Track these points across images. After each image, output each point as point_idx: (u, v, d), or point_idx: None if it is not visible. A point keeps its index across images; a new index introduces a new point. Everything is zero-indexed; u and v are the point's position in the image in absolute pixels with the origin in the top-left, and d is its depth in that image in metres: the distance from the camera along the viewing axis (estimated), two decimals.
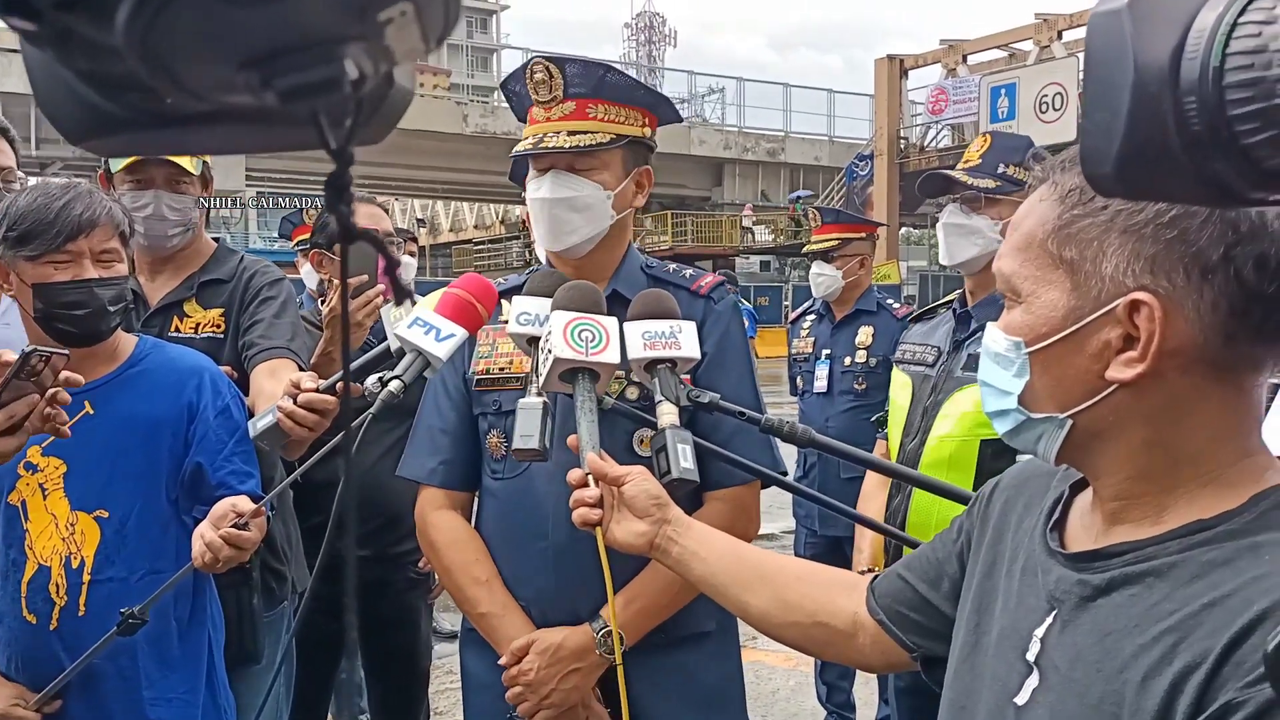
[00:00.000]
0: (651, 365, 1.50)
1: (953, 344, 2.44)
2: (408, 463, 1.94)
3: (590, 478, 1.40)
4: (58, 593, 1.86)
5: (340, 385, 1.61)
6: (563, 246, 1.82)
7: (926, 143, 24.64)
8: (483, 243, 40.04)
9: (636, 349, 1.49)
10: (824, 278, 4.15)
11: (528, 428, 1.45)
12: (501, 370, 1.86)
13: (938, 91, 23.59)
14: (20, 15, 0.35)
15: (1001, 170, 2.41)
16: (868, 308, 4.16)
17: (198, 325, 2.36)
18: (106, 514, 1.88)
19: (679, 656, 1.79)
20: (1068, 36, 21.07)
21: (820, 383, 4.12)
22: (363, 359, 1.66)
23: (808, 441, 1.54)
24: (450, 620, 4.83)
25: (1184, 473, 0.87)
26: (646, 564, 1.67)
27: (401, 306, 1.86)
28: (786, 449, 1.76)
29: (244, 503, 1.74)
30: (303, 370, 2.23)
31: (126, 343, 1.98)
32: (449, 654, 3.70)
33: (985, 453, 2.22)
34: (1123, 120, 0.53)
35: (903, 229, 26.45)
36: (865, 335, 4.08)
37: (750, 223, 31.15)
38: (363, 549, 2.72)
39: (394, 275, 0.40)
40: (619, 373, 1.62)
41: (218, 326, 2.35)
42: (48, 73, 0.40)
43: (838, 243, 4.16)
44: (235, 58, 0.34)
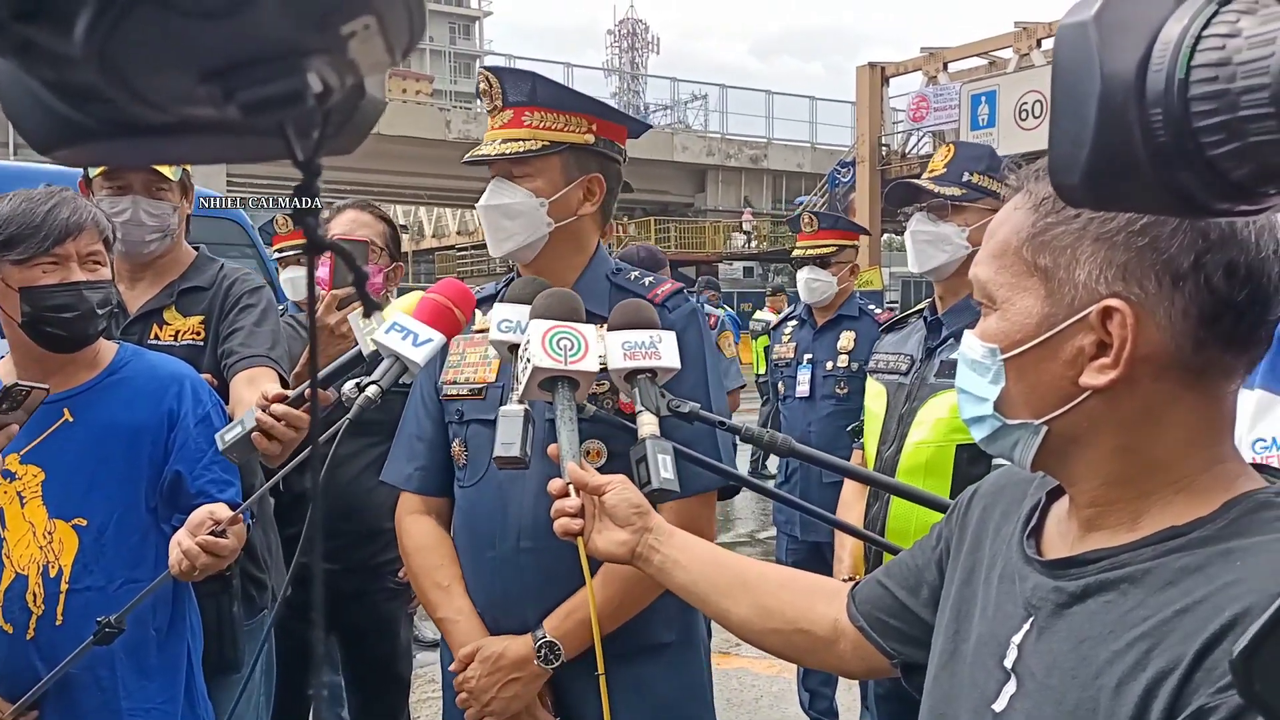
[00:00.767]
0: (631, 375, 1.50)
1: (925, 351, 2.46)
2: (388, 468, 1.98)
3: (571, 487, 1.40)
4: (35, 602, 1.84)
5: (326, 394, 1.61)
6: (500, 252, 1.85)
7: (908, 149, 24.76)
8: (465, 249, 39.92)
9: (616, 359, 1.49)
10: (819, 283, 4.15)
11: (509, 435, 1.45)
12: (467, 380, 1.88)
13: (919, 99, 23.71)
14: None
15: (966, 178, 2.45)
16: (850, 313, 4.18)
17: (177, 333, 2.34)
18: (85, 522, 1.87)
19: (635, 668, 1.78)
20: (1047, 45, 21.18)
21: (802, 387, 4.13)
22: (330, 367, 1.65)
23: (788, 451, 1.54)
24: (432, 629, 4.79)
25: (1157, 479, 0.88)
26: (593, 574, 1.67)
27: (370, 318, 1.86)
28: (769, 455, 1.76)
29: (221, 510, 1.73)
30: (284, 379, 2.22)
31: (107, 350, 1.97)
32: (431, 663, 3.68)
33: (961, 458, 2.25)
34: (1089, 131, 0.53)
35: (885, 235, 26.54)
36: (847, 340, 4.09)
37: (750, 226, 31.21)
38: (342, 560, 2.70)
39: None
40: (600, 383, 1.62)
41: (197, 334, 2.34)
42: (14, 82, 0.39)
43: (834, 249, 4.18)
44: (195, 70, 0.34)
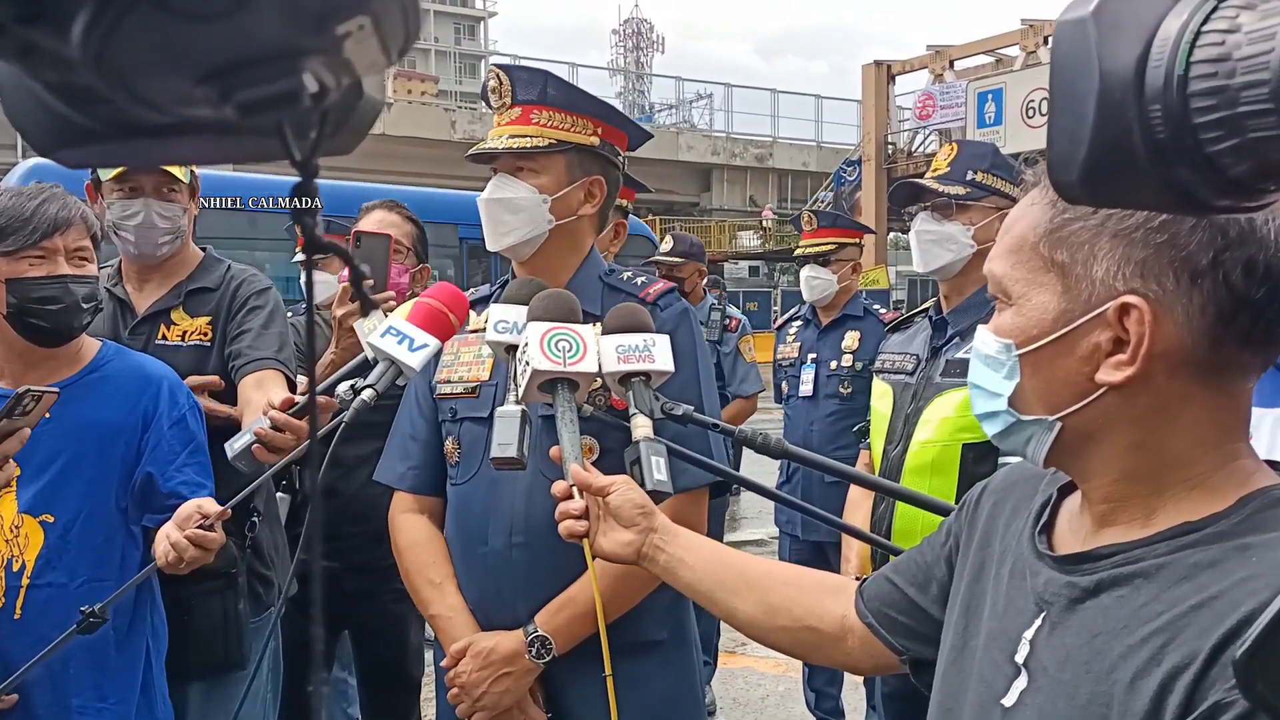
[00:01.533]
0: (625, 378, 1.51)
1: (930, 351, 2.46)
2: (381, 468, 2.00)
3: (575, 489, 1.40)
4: None
5: (321, 400, 1.61)
6: (499, 246, 1.86)
7: (914, 148, 24.72)
8: None
9: (610, 363, 1.49)
10: (819, 281, 4.15)
11: (506, 436, 1.46)
12: (460, 379, 1.90)
13: (925, 97, 23.67)
14: None
15: (970, 177, 2.46)
16: (854, 313, 4.17)
17: (185, 333, 2.35)
18: (52, 519, 1.88)
19: (626, 666, 1.76)
20: None
21: (806, 387, 4.12)
22: (339, 373, 1.66)
23: (781, 453, 1.54)
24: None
25: (1172, 475, 0.88)
26: (582, 572, 1.67)
27: (370, 317, 1.87)
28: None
29: (209, 504, 1.74)
30: (292, 381, 2.23)
31: (90, 347, 1.99)
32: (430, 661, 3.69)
33: (967, 457, 2.25)
34: (1088, 128, 0.53)
35: (891, 234, 26.51)
36: (851, 340, 4.08)
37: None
38: (351, 561, 2.72)
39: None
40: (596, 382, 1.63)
41: (205, 334, 2.35)
42: (15, 84, 0.40)
43: (834, 247, 4.17)
44: (193, 71, 0.34)
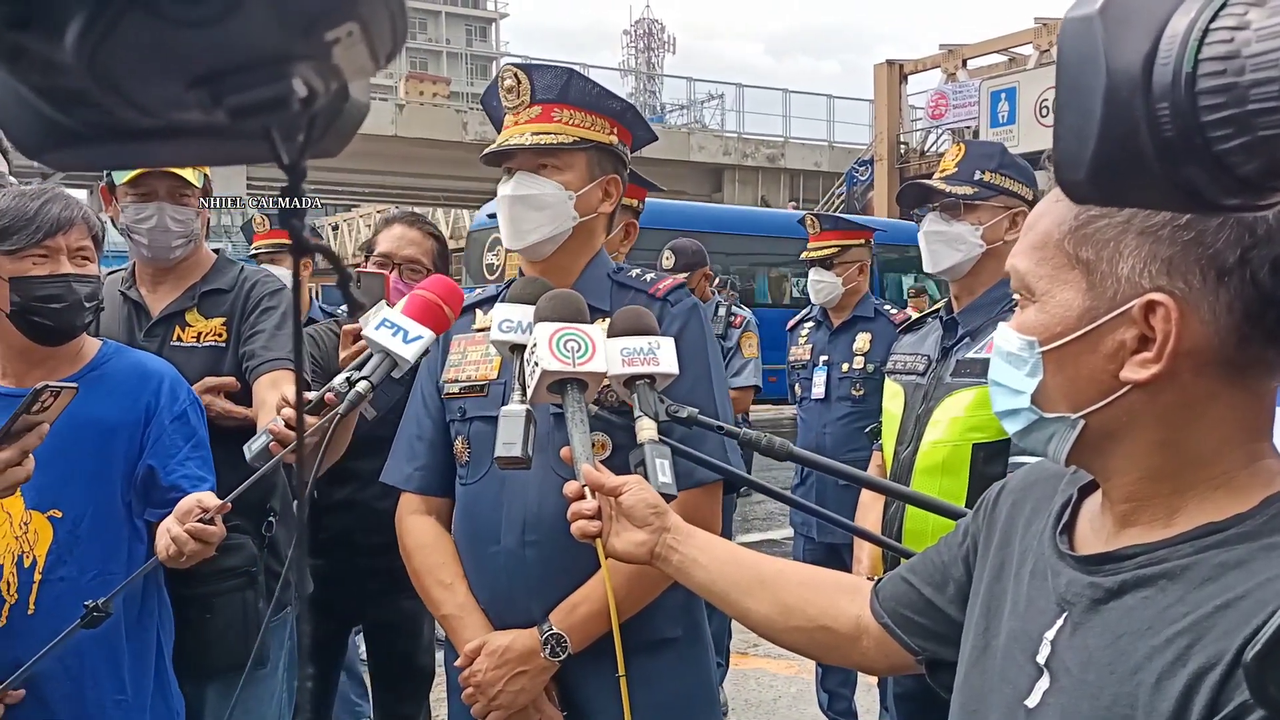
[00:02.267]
0: (630, 381, 1.51)
1: (941, 351, 2.46)
2: (388, 469, 1.99)
3: (587, 489, 1.40)
4: (8, 590, 1.86)
5: (328, 396, 1.62)
6: (522, 244, 1.84)
7: (927, 147, 24.66)
8: None
9: (615, 365, 1.49)
10: (824, 285, 4.14)
11: (510, 435, 1.46)
12: (469, 378, 1.89)
13: (938, 96, 23.61)
14: None
15: (978, 177, 2.46)
16: (865, 314, 4.16)
17: (200, 335, 2.37)
18: (60, 514, 1.90)
19: (639, 663, 1.76)
20: None
21: (818, 389, 4.11)
22: (345, 372, 1.67)
23: (786, 455, 1.53)
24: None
25: (1196, 474, 0.88)
26: (596, 570, 1.67)
27: (371, 310, 1.87)
28: None
29: (209, 498, 1.76)
30: (307, 384, 2.23)
31: (90, 346, 2.02)
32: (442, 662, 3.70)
33: (978, 456, 2.25)
34: (1095, 126, 0.52)
35: None
36: (863, 341, 4.07)
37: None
38: (364, 568, 2.73)
39: (346, 290, 0.40)
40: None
41: (220, 336, 2.37)
42: (3, 87, 0.40)
43: (837, 250, 4.16)
44: (184, 76, 0.35)
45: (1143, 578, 0.86)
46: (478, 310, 1.93)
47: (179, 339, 2.36)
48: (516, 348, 1.55)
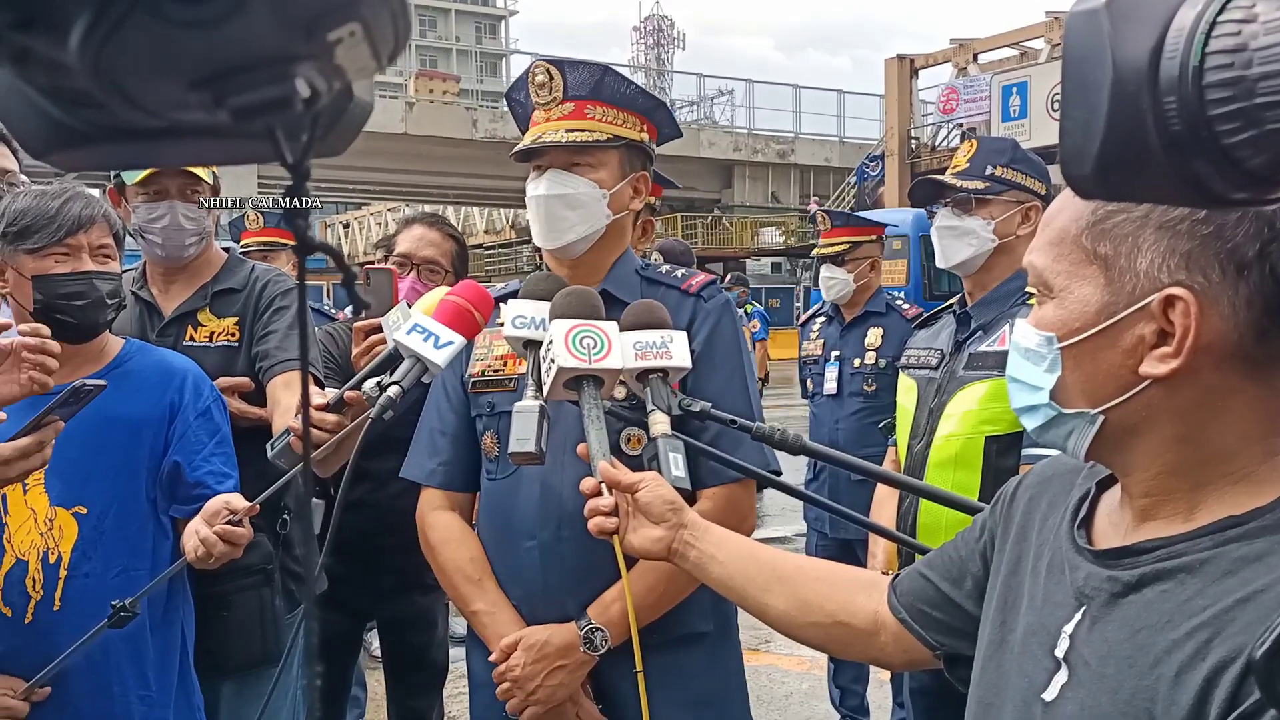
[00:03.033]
0: (644, 375, 1.51)
1: (954, 345, 2.47)
2: (409, 464, 1.97)
3: (604, 485, 1.40)
4: (34, 587, 1.87)
5: (349, 394, 1.62)
6: (558, 244, 1.83)
7: (938, 142, 24.58)
8: (493, 248, 40.10)
9: (629, 359, 1.49)
10: (835, 281, 4.13)
11: (524, 431, 1.46)
12: (496, 372, 1.88)
13: (949, 91, 23.52)
14: None
15: (989, 172, 2.48)
16: (877, 309, 4.15)
17: (212, 334, 2.38)
18: (85, 510, 1.91)
19: (672, 657, 1.78)
20: None
21: (830, 385, 4.11)
22: (365, 370, 1.67)
23: (799, 449, 1.53)
24: (462, 625, 4.83)
25: (1215, 469, 0.87)
26: (631, 565, 1.67)
27: (393, 312, 1.87)
28: None
29: (237, 500, 1.76)
30: (320, 382, 2.24)
31: (114, 344, 2.03)
32: (460, 659, 3.71)
33: (991, 449, 2.26)
34: (1101, 121, 0.52)
35: None
36: (875, 337, 4.06)
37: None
38: (379, 567, 2.75)
39: (351, 290, 0.41)
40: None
41: (232, 335, 2.37)
42: (8, 88, 0.40)
43: (849, 246, 4.15)
44: (187, 77, 0.35)
45: (1162, 571, 0.86)
46: (500, 305, 1.94)
47: (191, 339, 2.36)
48: (530, 343, 1.55)
